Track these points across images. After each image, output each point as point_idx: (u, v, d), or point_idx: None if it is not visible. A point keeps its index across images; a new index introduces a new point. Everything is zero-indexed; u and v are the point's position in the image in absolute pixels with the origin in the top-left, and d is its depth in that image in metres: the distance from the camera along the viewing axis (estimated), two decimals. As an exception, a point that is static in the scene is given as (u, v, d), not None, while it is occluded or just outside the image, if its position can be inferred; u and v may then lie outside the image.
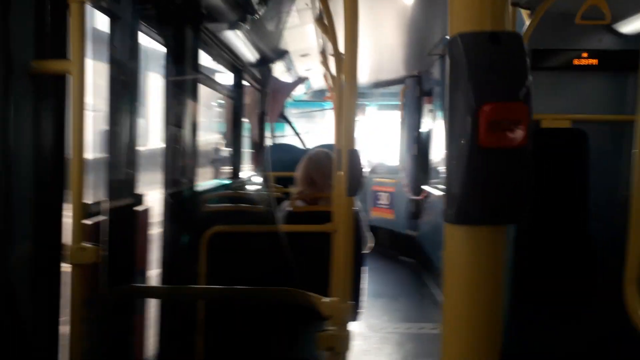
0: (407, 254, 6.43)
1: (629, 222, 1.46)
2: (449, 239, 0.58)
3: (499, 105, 0.54)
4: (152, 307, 2.29)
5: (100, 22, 1.85)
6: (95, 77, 1.68)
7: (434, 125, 5.91)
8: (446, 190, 0.58)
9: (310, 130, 10.01)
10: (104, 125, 1.82)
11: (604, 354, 3.31)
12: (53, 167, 1.40)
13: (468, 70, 0.54)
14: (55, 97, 1.39)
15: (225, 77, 4.03)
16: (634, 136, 1.47)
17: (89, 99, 1.37)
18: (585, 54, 3.23)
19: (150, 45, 2.51)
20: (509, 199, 0.55)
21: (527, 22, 2.86)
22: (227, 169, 4.21)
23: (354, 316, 2.57)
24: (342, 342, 1.33)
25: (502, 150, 0.54)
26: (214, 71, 3.68)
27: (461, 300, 0.56)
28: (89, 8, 1.36)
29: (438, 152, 5.51)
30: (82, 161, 1.31)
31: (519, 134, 0.54)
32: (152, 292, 1.93)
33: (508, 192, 0.55)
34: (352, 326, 1.42)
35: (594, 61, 3.23)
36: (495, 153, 0.54)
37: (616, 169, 3.29)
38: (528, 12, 3.03)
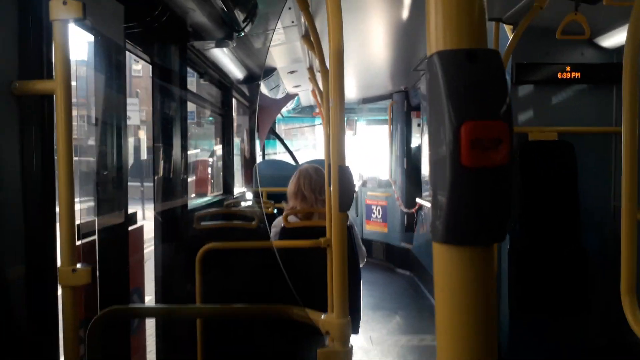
0: (402, 267, 6.43)
1: (620, 232, 1.48)
2: (437, 258, 0.57)
3: (479, 124, 0.54)
4: (150, 326, 2.26)
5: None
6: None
7: (423, 139, 5.97)
8: (432, 210, 0.58)
9: (301, 146, 10.02)
10: (92, 143, 1.81)
11: None
12: (42, 188, 1.38)
13: (446, 88, 0.54)
14: (41, 117, 1.38)
15: (215, 95, 4.05)
16: (622, 147, 1.50)
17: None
18: (568, 68, 3.29)
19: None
20: (492, 218, 0.55)
21: (510, 37, 2.93)
22: (219, 186, 4.20)
23: (353, 330, 2.55)
24: (342, 357, 1.32)
25: (484, 169, 0.54)
26: (203, 89, 3.70)
27: (454, 319, 0.56)
28: (72, 27, 1.36)
29: (427, 166, 5.57)
30: (70, 181, 1.29)
31: (501, 152, 0.54)
32: (148, 312, 1.91)
33: (491, 211, 0.55)
34: (352, 340, 1.41)
35: (577, 74, 3.30)
36: (478, 172, 0.54)
37: (604, 180, 3.34)
38: (511, 27, 3.11)
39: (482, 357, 0.55)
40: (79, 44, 1.69)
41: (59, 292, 1.36)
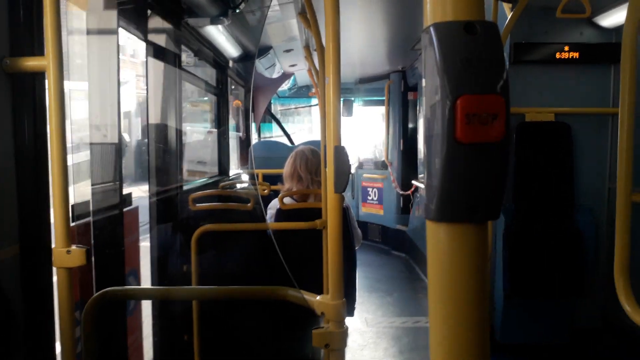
0: (398, 249, 6.47)
1: (615, 214, 1.49)
2: (431, 236, 0.56)
3: (475, 98, 0.52)
4: (145, 308, 2.27)
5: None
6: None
7: (420, 119, 5.94)
8: (426, 187, 0.57)
9: (297, 128, 9.94)
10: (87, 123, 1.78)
11: (590, 342, 3.38)
12: (35, 167, 1.36)
13: (442, 61, 0.52)
14: (33, 95, 1.35)
15: (209, 74, 3.99)
16: (619, 129, 1.50)
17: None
18: (567, 48, 3.26)
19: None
20: (486, 195, 0.54)
21: (509, 16, 2.88)
22: (214, 167, 4.18)
23: (348, 312, 2.56)
24: (337, 338, 1.33)
25: (480, 145, 0.52)
26: (198, 68, 3.65)
27: (447, 297, 0.56)
28: (64, 3, 1.32)
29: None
30: (64, 161, 1.27)
31: (496, 127, 0.53)
32: (143, 293, 1.91)
33: (487, 187, 0.54)
34: (347, 322, 1.42)
35: (576, 54, 3.27)
36: (473, 147, 0.52)
37: (600, 162, 3.35)
38: (509, 5, 3.06)
39: (475, 336, 0.55)
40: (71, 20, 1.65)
41: (54, 273, 1.35)
